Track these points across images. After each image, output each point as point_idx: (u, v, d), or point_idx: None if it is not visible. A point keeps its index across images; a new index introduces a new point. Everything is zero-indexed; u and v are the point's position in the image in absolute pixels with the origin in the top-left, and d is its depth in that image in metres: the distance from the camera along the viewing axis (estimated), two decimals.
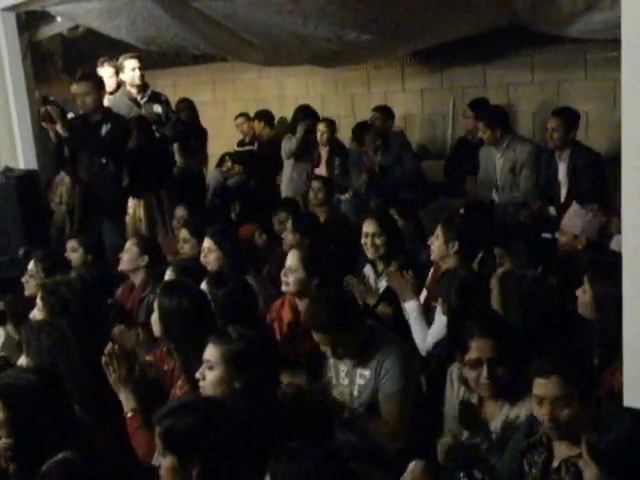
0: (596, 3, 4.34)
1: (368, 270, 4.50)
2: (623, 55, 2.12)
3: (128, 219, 6.33)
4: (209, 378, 2.86)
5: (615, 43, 2.12)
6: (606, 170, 5.36)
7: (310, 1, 4.82)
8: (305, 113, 7.26)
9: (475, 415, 2.93)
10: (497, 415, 2.94)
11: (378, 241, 4.35)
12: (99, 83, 6.02)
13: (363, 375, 3.29)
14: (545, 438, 2.60)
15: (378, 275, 4.43)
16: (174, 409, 2.43)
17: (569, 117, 5.57)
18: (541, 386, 2.47)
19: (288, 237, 4.93)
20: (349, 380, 3.34)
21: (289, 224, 4.99)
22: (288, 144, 7.15)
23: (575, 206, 4.48)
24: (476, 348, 2.89)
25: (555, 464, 2.54)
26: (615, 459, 2.05)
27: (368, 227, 4.40)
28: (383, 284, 4.33)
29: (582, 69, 6.25)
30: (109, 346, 3.23)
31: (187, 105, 7.67)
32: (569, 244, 4.38)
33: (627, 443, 2.04)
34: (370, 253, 4.42)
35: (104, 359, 3.18)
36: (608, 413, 2.19)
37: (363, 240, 4.42)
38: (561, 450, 2.53)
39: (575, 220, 4.36)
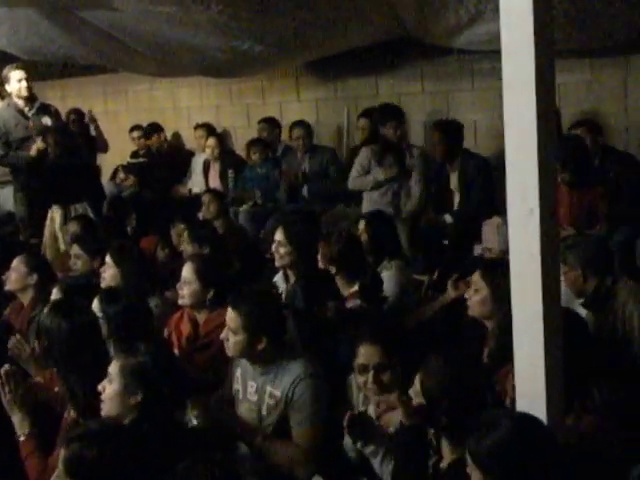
0: (479, 16, 4.49)
1: (279, 278, 4.50)
2: (503, 65, 2.19)
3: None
4: (107, 391, 2.84)
5: (499, 54, 2.19)
6: (495, 176, 5.53)
7: (200, 12, 4.76)
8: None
9: (367, 426, 2.95)
10: (394, 422, 2.99)
11: (283, 250, 4.36)
12: None
13: (273, 395, 3.22)
14: (435, 441, 2.64)
15: (289, 283, 4.38)
16: (82, 436, 2.42)
17: (450, 130, 5.73)
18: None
19: (187, 248, 4.87)
20: (257, 397, 3.27)
21: (185, 235, 4.93)
22: None
23: (496, 220, 4.59)
24: (363, 354, 2.96)
25: (444, 465, 2.57)
26: (495, 463, 2.08)
27: (277, 235, 4.43)
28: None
29: (470, 79, 6.44)
30: (5, 367, 3.13)
31: (77, 116, 7.47)
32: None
33: (505, 447, 2.08)
34: (277, 261, 4.43)
35: None
36: (487, 418, 2.22)
37: (273, 248, 4.44)
38: (449, 453, 2.55)
39: (497, 235, 4.47)
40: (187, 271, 3.94)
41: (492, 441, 2.08)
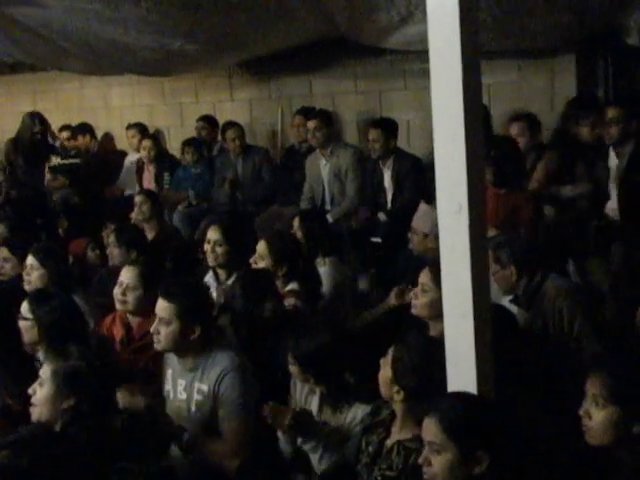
0: (410, 17, 4.55)
1: (209, 278, 4.46)
2: (431, 66, 2.23)
3: None
4: (38, 395, 2.80)
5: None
6: (429, 176, 5.60)
7: (130, 9, 4.69)
8: None
9: (308, 423, 2.97)
10: (335, 417, 3.03)
11: (219, 250, 4.35)
12: None
13: (201, 390, 3.22)
14: (388, 420, 2.71)
15: (219, 283, 4.40)
16: (12, 444, 2.40)
17: (387, 127, 5.80)
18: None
19: (114, 251, 4.79)
20: (187, 395, 3.26)
21: (112, 237, 4.85)
22: None
23: (423, 206, 4.63)
24: None
25: (389, 444, 2.65)
26: (472, 433, 2.21)
27: (211, 234, 4.40)
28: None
29: (402, 79, 6.52)
30: None
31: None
32: (420, 243, 4.52)
33: (477, 417, 2.24)
34: (211, 260, 4.41)
35: None
36: (446, 398, 2.34)
37: (205, 247, 4.42)
38: (397, 433, 2.65)
39: (424, 219, 4.50)
40: (131, 277, 3.86)
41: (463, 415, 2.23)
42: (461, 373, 2.36)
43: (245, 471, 3.04)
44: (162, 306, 3.21)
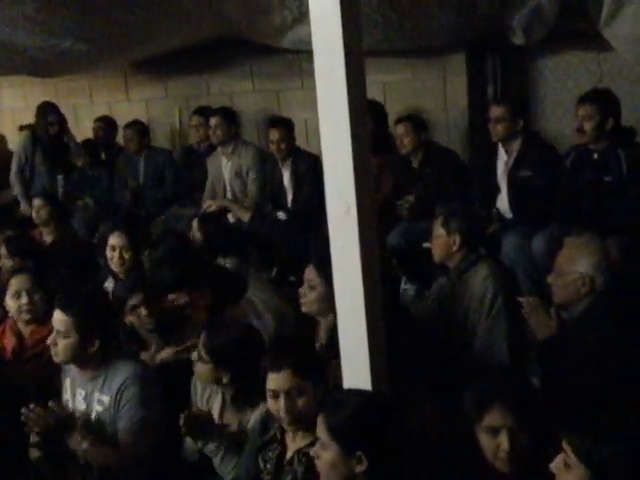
0: (302, 17, 4.58)
1: (110, 284, 4.40)
2: (315, 66, 2.25)
3: None
4: None
5: None
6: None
7: (16, 8, 4.55)
8: None
9: (207, 425, 2.96)
10: (236, 419, 3.02)
11: (126, 255, 4.33)
12: None
13: (101, 401, 3.15)
14: (279, 434, 2.70)
15: None
16: None
17: (290, 126, 5.82)
18: (274, 380, 2.57)
19: (6, 263, 4.65)
20: (86, 405, 3.19)
21: (3, 250, 4.70)
22: None
23: None
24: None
25: (288, 456, 2.64)
26: (355, 434, 2.23)
27: (117, 241, 4.35)
28: None
29: (299, 78, 6.55)
30: None
31: None
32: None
33: (364, 418, 2.24)
34: (117, 267, 4.36)
35: None
36: (338, 395, 2.37)
37: (109, 254, 4.36)
38: (294, 443, 2.65)
39: None
40: (25, 284, 3.84)
41: (349, 413, 2.24)
42: (355, 370, 2.39)
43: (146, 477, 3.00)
44: (59, 319, 3.13)
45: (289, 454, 2.65)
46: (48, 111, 6.71)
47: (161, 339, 3.65)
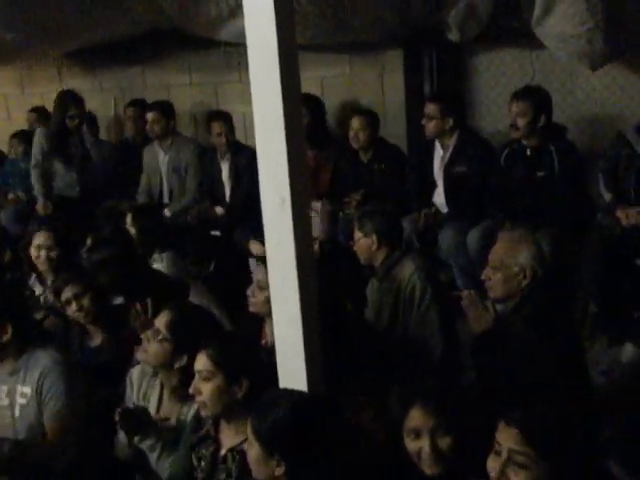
0: (239, 9, 4.51)
1: (34, 281, 4.35)
2: (249, 60, 2.25)
3: None
4: None
5: None
6: None
7: None
8: None
9: (144, 421, 2.92)
10: (174, 414, 2.99)
11: (52, 254, 4.29)
12: None
13: (24, 393, 3.11)
14: (212, 431, 2.68)
15: (45, 286, 4.28)
16: None
17: (230, 120, 5.79)
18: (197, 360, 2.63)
19: None
20: (9, 400, 3.14)
21: None
22: None
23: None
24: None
25: (222, 453, 2.63)
26: (274, 438, 2.21)
27: (42, 240, 4.31)
28: None
29: (237, 71, 6.49)
30: None
31: None
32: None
33: (284, 423, 2.21)
34: (43, 265, 4.31)
35: None
36: (269, 396, 2.34)
37: (35, 253, 4.31)
38: (227, 440, 2.64)
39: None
40: None
41: (274, 418, 2.22)
42: (291, 368, 2.38)
43: (74, 472, 2.95)
44: None
45: (223, 451, 2.64)
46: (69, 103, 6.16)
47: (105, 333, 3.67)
